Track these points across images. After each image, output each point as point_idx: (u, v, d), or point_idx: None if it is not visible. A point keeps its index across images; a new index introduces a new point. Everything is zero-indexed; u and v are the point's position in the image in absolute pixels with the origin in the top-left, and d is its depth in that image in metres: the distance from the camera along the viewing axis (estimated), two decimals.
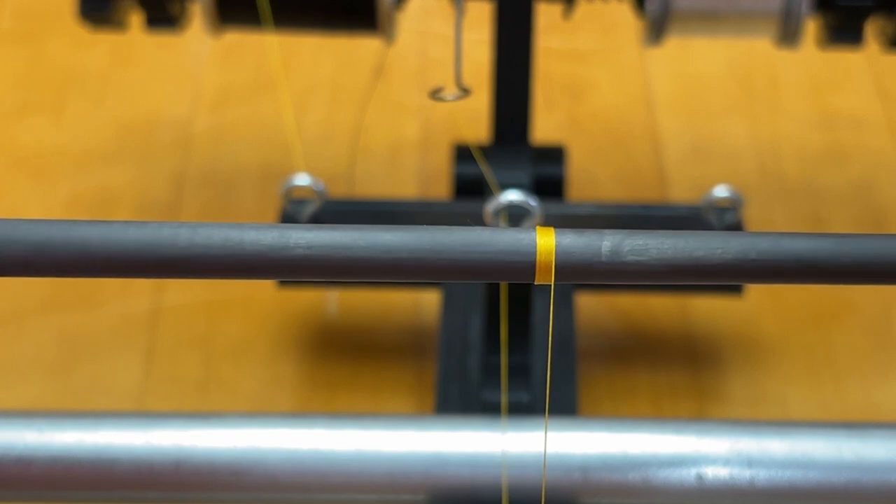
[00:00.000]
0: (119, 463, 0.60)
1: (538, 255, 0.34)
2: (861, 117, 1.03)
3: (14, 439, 0.60)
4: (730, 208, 0.75)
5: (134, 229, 0.34)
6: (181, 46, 1.07)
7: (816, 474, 0.60)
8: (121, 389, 0.82)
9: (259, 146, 0.99)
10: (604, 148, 1.00)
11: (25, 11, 1.12)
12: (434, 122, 1.02)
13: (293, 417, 0.63)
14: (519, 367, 0.71)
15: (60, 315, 0.86)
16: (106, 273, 0.34)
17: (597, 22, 1.10)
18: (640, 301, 0.87)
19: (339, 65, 1.07)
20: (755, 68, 1.07)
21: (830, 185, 0.97)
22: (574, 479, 0.60)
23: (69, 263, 0.34)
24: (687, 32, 0.74)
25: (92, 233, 0.34)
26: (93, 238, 0.34)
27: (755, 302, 0.87)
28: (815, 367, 0.84)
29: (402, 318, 0.87)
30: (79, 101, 1.04)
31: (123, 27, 0.76)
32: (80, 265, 0.34)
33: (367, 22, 0.73)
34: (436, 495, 0.61)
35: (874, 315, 0.87)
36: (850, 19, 0.73)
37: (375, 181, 0.97)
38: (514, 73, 0.76)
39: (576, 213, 0.79)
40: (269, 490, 0.61)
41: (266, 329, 0.86)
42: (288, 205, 0.75)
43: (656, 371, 0.83)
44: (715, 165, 0.99)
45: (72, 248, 0.34)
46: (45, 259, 0.34)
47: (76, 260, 0.34)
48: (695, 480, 0.60)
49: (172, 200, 0.95)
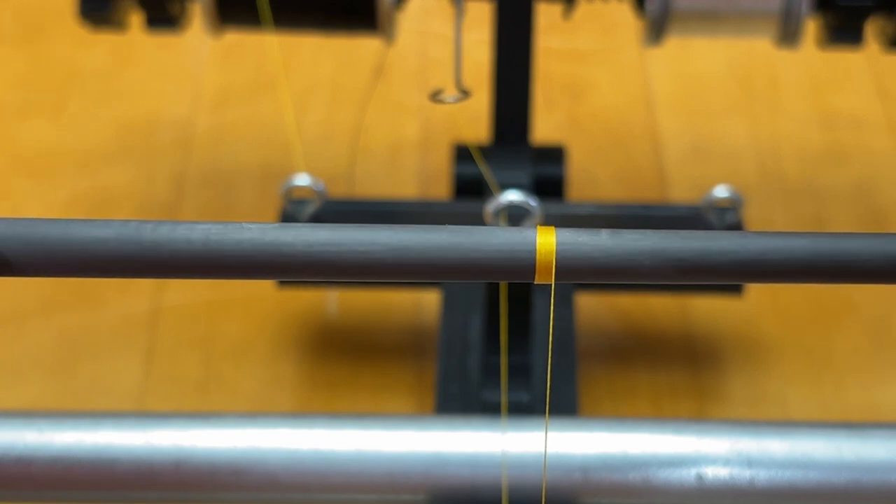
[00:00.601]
0: (119, 463, 0.60)
1: (538, 255, 0.34)
2: (861, 117, 1.03)
3: (14, 439, 0.60)
4: (730, 208, 0.74)
5: (134, 228, 0.34)
6: (181, 46, 1.07)
7: (816, 474, 0.60)
8: (121, 389, 0.82)
9: (259, 146, 0.99)
10: (604, 148, 1.00)
11: (26, 11, 1.12)
12: (434, 122, 1.02)
13: (293, 417, 0.63)
14: (519, 367, 0.71)
15: (60, 315, 0.86)
16: (106, 273, 0.34)
17: (597, 22, 1.10)
18: (640, 301, 0.87)
19: (339, 65, 1.07)
20: (755, 68, 1.07)
21: (830, 185, 0.97)
22: (574, 479, 0.60)
23: (69, 262, 0.34)
24: (687, 32, 0.74)
25: (91, 232, 0.34)
26: (92, 237, 0.34)
27: (755, 302, 0.87)
28: (815, 367, 0.84)
29: (402, 318, 0.87)
30: (79, 101, 1.04)
31: (123, 27, 0.76)
32: (79, 264, 0.34)
33: (367, 22, 0.73)
34: (436, 495, 0.61)
35: (874, 315, 0.87)
36: (850, 19, 0.73)
37: (375, 181, 0.97)
38: (514, 73, 0.76)
39: (576, 213, 0.79)
40: (269, 490, 0.61)
41: (266, 329, 0.86)
42: (288, 205, 0.75)
43: (656, 371, 0.83)
44: (715, 165, 0.99)
45: (72, 247, 0.34)
46: (44, 258, 0.34)
47: (76, 259, 0.34)
48: (695, 480, 0.60)
49: (172, 200, 0.95)
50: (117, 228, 0.34)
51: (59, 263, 0.34)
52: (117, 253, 0.34)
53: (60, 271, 0.34)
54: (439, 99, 0.65)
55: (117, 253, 0.34)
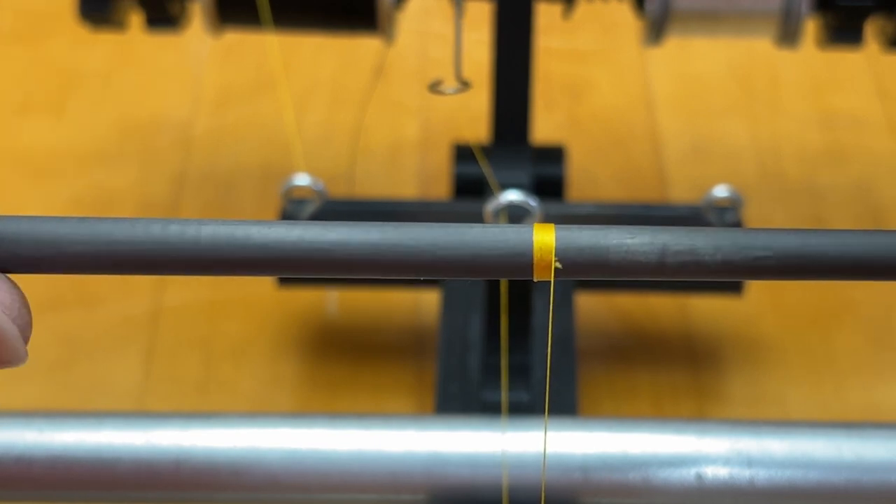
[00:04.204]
0: (119, 463, 0.60)
1: (536, 252, 0.34)
2: (861, 117, 1.02)
3: (14, 439, 0.60)
4: (730, 208, 0.75)
5: (142, 226, 0.34)
6: (181, 46, 1.07)
7: (816, 474, 0.60)
8: (121, 389, 0.82)
9: (259, 146, 0.99)
10: (604, 148, 1.00)
11: (26, 11, 1.12)
12: (434, 122, 1.02)
13: (293, 417, 0.63)
14: (519, 366, 0.71)
15: (60, 315, 0.86)
16: (113, 270, 0.34)
17: (597, 22, 1.10)
18: (640, 301, 0.87)
19: (339, 65, 1.07)
20: (755, 68, 1.07)
21: (830, 185, 0.97)
22: (574, 479, 0.60)
23: (70, 260, 0.34)
24: (687, 32, 0.74)
25: (96, 230, 0.34)
26: (98, 235, 0.34)
27: (755, 302, 0.87)
28: (815, 367, 0.84)
29: (402, 318, 0.87)
30: (79, 101, 1.04)
31: (123, 27, 0.76)
32: (82, 262, 0.34)
33: (367, 22, 0.73)
34: (436, 495, 0.61)
35: (874, 315, 0.87)
36: (850, 19, 0.73)
37: (375, 181, 0.97)
38: (514, 73, 0.76)
39: (576, 213, 0.79)
40: (269, 490, 0.61)
41: (266, 329, 0.86)
42: (288, 205, 0.75)
43: (656, 371, 0.83)
44: (715, 165, 0.99)
45: (74, 245, 0.34)
46: (47, 256, 0.34)
47: (76, 258, 0.34)
48: (695, 480, 0.60)
49: (173, 201, 0.95)
50: (123, 226, 0.34)
51: (59, 261, 0.34)
52: (123, 250, 0.34)
53: (61, 268, 0.34)
54: (439, 90, 0.64)
55: (123, 250, 0.34)
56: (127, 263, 0.34)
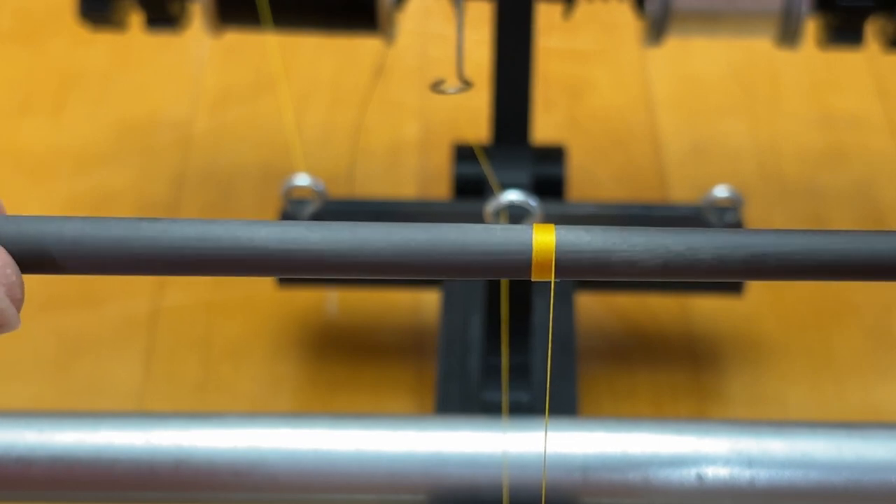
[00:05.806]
0: (119, 463, 0.60)
1: (536, 251, 0.34)
2: (861, 117, 1.02)
3: (14, 439, 0.60)
4: (730, 208, 0.74)
5: (142, 226, 0.34)
6: (181, 46, 1.07)
7: (816, 474, 0.60)
8: (121, 389, 0.82)
9: (259, 146, 0.99)
10: (604, 148, 1.00)
11: (25, 11, 1.12)
12: (434, 122, 1.02)
13: (293, 417, 0.63)
14: (519, 367, 0.71)
15: (60, 315, 0.86)
16: (114, 270, 0.34)
17: (597, 22, 1.10)
18: (640, 301, 0.87)
19: (339, 65, 1.07)
20: (755, 68, 1.07)
21: (830, 185, 0.97)
22: (574, 479, 0.60)
23: (70, 261, 0.34)
24: (687, 32, 0.74)
25: (96, 230, 0.34)
26: (98, 235, 0.34)
27: (755, 302, 0.87)
28: (815, 367, 0.84)
29: (402, 318, 0.87)
30: (79, 101, 1.04)
31: (123, 27, 0.76)
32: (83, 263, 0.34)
33: (368, 22, 0.73)
34: (436, 495, 0.61)
35: (874, 315, 0.87)
36: (850, 19, 0.73)
37: (375, 181, 0.97)
38: (514, 73, 0.76)
39: (576, 213, 0.79)
40: (269, 490, 0.61)
41: (266, 329, 0.86)
42: (288, 205, 0.75)
43: (656, 371, 0.83)
44: (715, 165, 0.99)
45: (74, 245, 0.34)
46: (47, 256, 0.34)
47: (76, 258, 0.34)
48: (695, 480, 0.60)
49: (172, 201, 0.95)
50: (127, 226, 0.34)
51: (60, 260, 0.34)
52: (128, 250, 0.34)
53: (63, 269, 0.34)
54: (441, 90, 0.64)
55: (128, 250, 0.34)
56: (127, 263, 0.34)
